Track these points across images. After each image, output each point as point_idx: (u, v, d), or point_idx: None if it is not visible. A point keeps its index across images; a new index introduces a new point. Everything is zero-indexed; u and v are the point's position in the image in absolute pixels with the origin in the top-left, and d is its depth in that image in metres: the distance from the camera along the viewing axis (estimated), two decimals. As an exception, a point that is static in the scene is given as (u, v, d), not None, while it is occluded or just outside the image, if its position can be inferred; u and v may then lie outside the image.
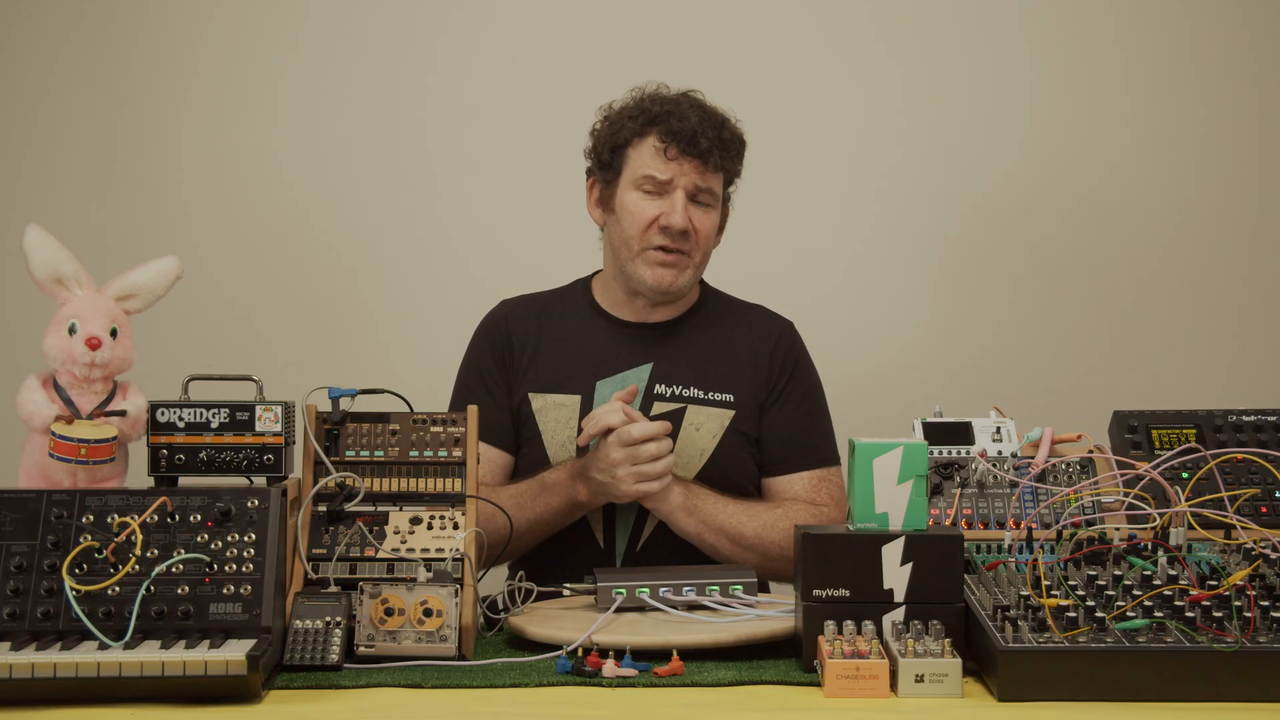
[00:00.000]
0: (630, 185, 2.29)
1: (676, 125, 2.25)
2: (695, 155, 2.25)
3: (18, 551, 1.68)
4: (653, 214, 2.27)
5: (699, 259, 2.31)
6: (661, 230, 2.26)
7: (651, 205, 2.27)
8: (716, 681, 1.63)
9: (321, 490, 1.88)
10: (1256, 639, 1.56)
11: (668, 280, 2.29)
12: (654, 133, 2.27)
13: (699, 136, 2.24)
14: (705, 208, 2.29)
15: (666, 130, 2.25)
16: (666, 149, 2.25)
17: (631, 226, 2.28)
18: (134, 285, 1.87)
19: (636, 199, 2.28)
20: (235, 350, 3.04)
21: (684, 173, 2.26)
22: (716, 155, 2.26)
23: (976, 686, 1.60)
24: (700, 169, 2.26)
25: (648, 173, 2.27)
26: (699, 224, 2.28)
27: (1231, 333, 3.14)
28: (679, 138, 2.24)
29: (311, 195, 3.13)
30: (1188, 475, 1.99)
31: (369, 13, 3.13)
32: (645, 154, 2.28)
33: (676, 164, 2.26)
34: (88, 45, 3.11)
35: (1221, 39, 3.15)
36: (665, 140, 2.25)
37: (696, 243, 2.29)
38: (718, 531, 2.19)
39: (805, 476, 2.32)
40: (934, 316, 3.15)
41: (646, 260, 2.29)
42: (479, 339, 2.41)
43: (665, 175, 2.26)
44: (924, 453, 1.69)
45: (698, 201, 2.28)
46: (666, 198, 2.27)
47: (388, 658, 1.71)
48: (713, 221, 2.32)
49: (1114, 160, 3.16)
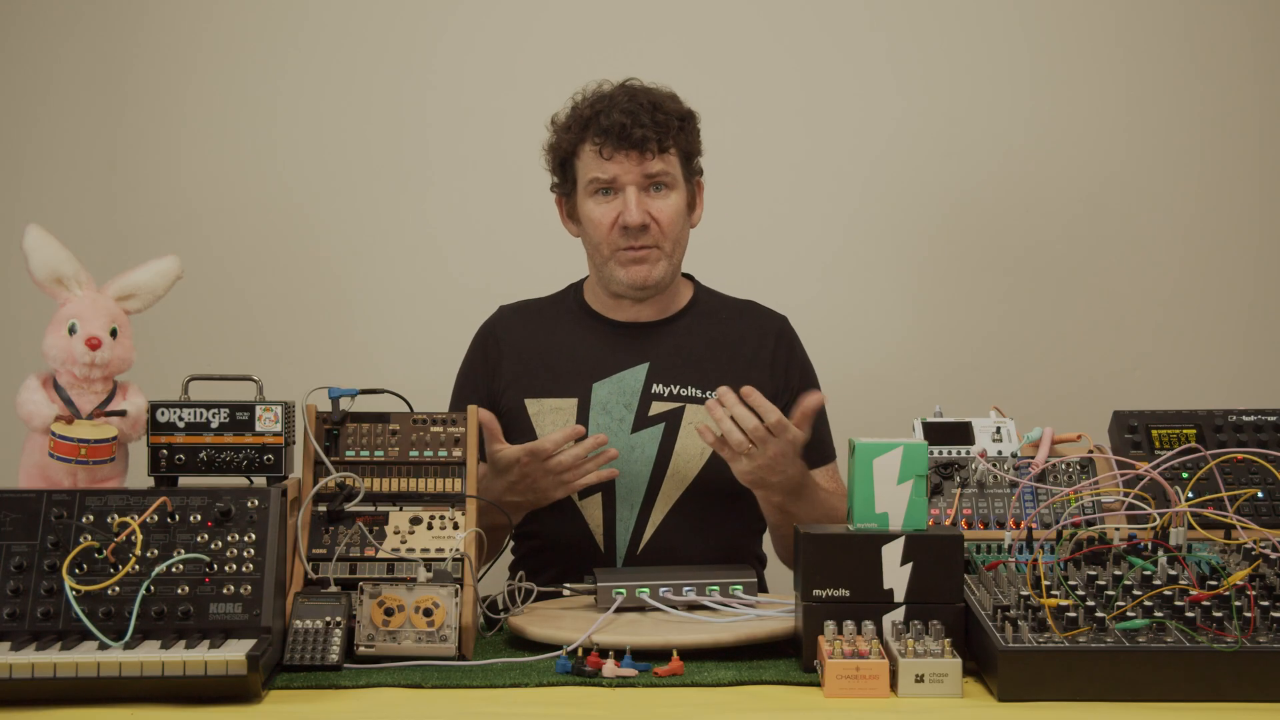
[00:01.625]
0: (584, 194, 2.30)
1: (605, 123, 2.24)
2: (630, 147, 2.24)
3: (18, 551, 1.68)
4: (611, 216, 2.27)
5: (669, 247, 2.30)
6: (623, 230, 2.26)
7: (608, 209, 2.27)
8: (716, 681, 1.63)
9: (321, 490, 1.88)
10: (1256, 639, 1.56)
11: (641, 276, 2.29)
12: (588, 136, 2.27)
13: (630, 128, 2.23)
14: (663, 192, 2.28)
15: (598, 130, 2.25)
16: (601, 149, 2.25)
17: (595, 233, 2.29)
18: (134, 285, 1.87)
19: (592, 206, 2.29)
20: (235, 350, 3.04)
21: (626, 169, 2.25)
22: (654, 141, 2.25)
23: (976, 686, 1.60)
24: (640, 159, 2.25)
25: (592, 176, 2.27)
26: (659, 213, 2.27)
27: (1231, 333, 3.14)
28: (610, 134, 2.24)
29: (311, 195, 3.13)
30: (1188, 475, 1.99)
31: (369, 13, 3.13)
32: (587, 160, 2.28)
33: (615, 162, 2.25)
34: (88, 45, 3.11)
35: (1221, 39, 3.14)
36: (599, 141, 2.25)
37: (662, 231, 2.28)
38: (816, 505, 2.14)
39: (820, 473, 2.30)
40: (934, 316, 3.15)
41: (618, 261, 2.29)
42: (472, 348, 2.43)
43: (607, 175, 2.26)
44: (924, 453, 1.69)
45: (653, 189, 2.28)
46: (619, 196, 2.27)
47: (388, 658, 1.71)
48: (674, 205, 2.29)
49: (1115, 159, 3.15)
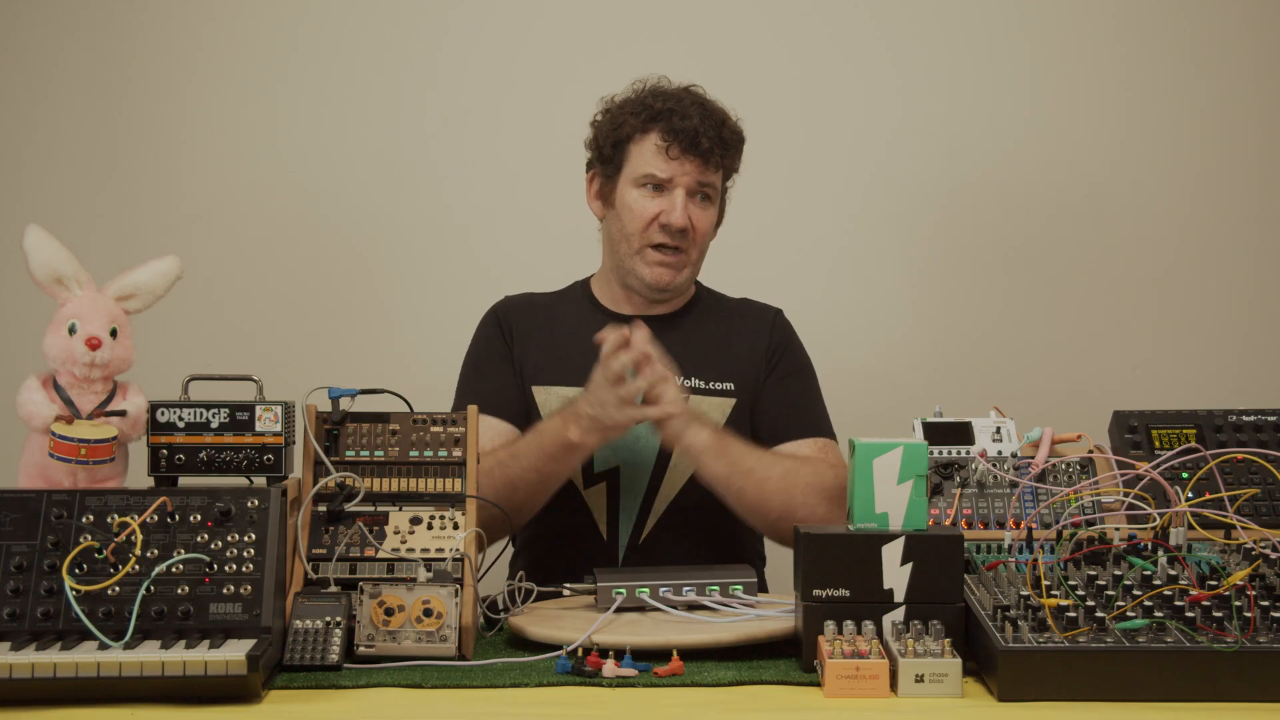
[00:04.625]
0: (631, 182, 2.29)
1: (679, 124, 2.25)
2: (697, 155, 2.26)
3: (18, 551, 1.68)
4: (653, 212, 2.27)
5: (696, 256, 2.33)
6: (661, 228, 2.27)
7: (652, 203, 2.27)
8: (716, 681, 1.63)
9: (321, 490, 1.88)
10: (1256, 639, 1.56)
11: (666, 279, 2.30)
12: (656, 130, 2.27)
13: (700, 136, 2.24)
14: (705, 203, 2.30)
15: (669, 129, 2.25)
16: (669, 148, 2.26)
17: (632, 223, 2.29)
18: (134, 285, 1.87)
19: (637, 196, 2.29)
20: (235, 350, 3.04)
21: (685, 172, 2.26)
22: (718, 154, 2.27)
23: (976, 686, 1.60)
24: (701, 168, 2.27)
25: (649, 171, 2.27)
26: (698, 222, 2.29)
27: (1231, 333, 3.14)
28: (681, 137, 2.25)
29: (311, 195, 3.13)
30: (1188, 475, 1.99)
31: (369, 11, 3.13)
32: (647, 151, 2.28)
33: (678, 163, 2.26)
34: (88, 45, 3.11)
35: (1221, 39, 3.14)
36: (667, 139, 2.26)
37: (694, 240, 2.30)
38: (746, 474, 2.11)
39: (807, 443, 2.30)
40: (934, 316, 3.15)
41: (645, 259, 2.29)
42: (483, 327, 2.42)
43: (666, 174, 2.26)
44: (924, 453, 1.69)
45: (697, 199, 2.29)
46: (667, 195, 2.27)
47: (388, 658, 1.71)
48: (711, 218, 2.33)
49: (1115, 159, 3.15)
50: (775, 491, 2.12)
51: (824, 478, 2.15)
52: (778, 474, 2.14)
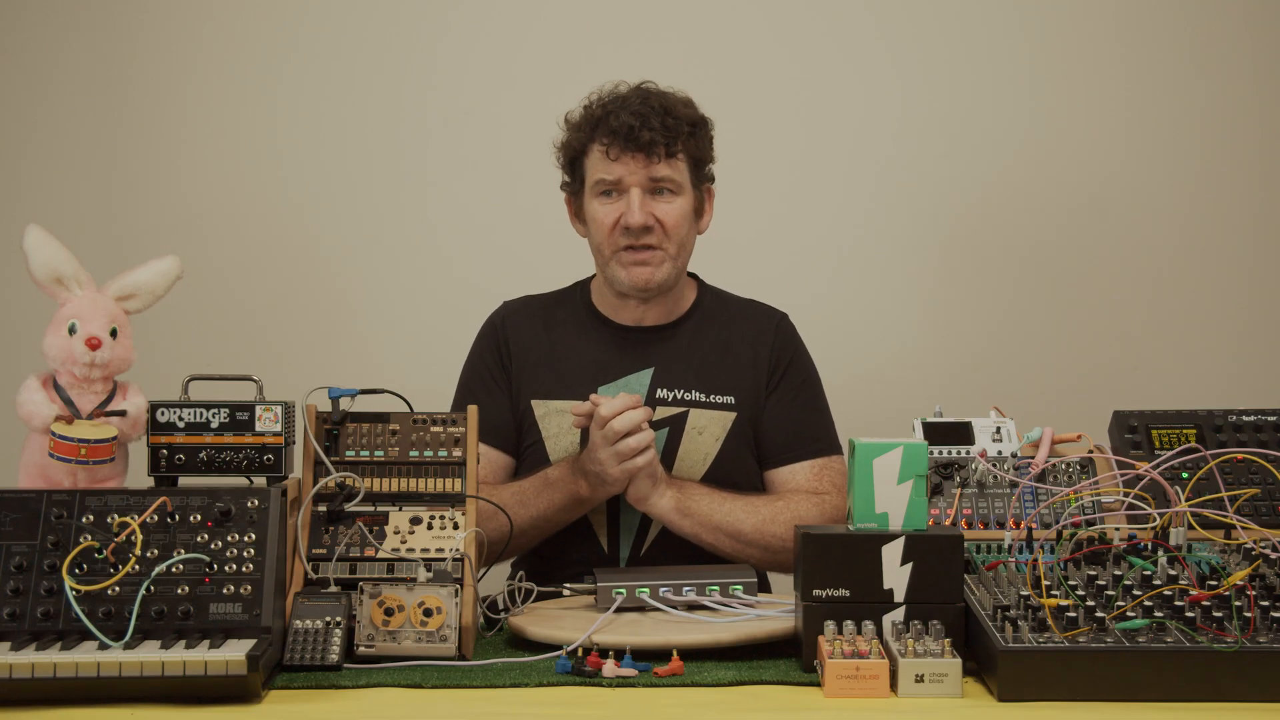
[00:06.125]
0: (590, 194, 2.31)
1: (614, 124, 2.25)
2: (637, 149, 2.24)
3: (18, 551, 1.68)
4: (613, 217, 2.27)
5: (673, 249, 2.30)
6: (624, 231, 2.27)
7: (611, 209, 2.28)
8: (716, 681, 1.63)
9: (321, 490, 1.88)
10: (1256, 639, 1.56)
11: (643, 278, 2.29)
12: (597, 136, 2.28)
13: (639, 130, 2.23)
14: (667, 196, 2.28)
15: (606, 131, 2.26)
16: (609, 150, 2.26)
17: (598, 233, 2.30)
18: (134, 285, 1.87)
19: (596, 206, 2.29)
20: (235, 350, 3.04)
21: (632, 170, 2.26)
22: (662, 145, 2.25)
23: (976, 686, 1.60)
24: (646, 162, 2.25)
25: (599, 176, 2.28)
26: (663, 215, 2.27)
27: (1231, 333, 3.14)
28: (618, 136, 2.24)
29: (311, 195, 3.13)
30: (1188, 475, 1.99)
31: (369, 12, 3.13)
32: (595, 159, 2.29)
33: (621, 163, 2.25)
34: (88, 45, 3.11)
35: (1221, 39, 3.14)
36: (606, 141, 2.26)
37: (665, 234, 2.28)
38: (715, 530, 2.17)
39: (806, 466, 2.31)
40: (934, 316, 3.15)
41: (620, 262, 2.29)
42: (480, 341, 2.42)
43: (613, 175, 2.26)
44: (924, 453, 1.69)
45: (658, 192, 2.28)
46: (622, 197, 2.27)
47: (388, 658, 1.71)
48: (679, 209, 2.29)
49: (1115, 159, 3.15)
50: (751, 542, 2.17)
51: (808, 514, 2.19)
52: (751, 525, 2.18)
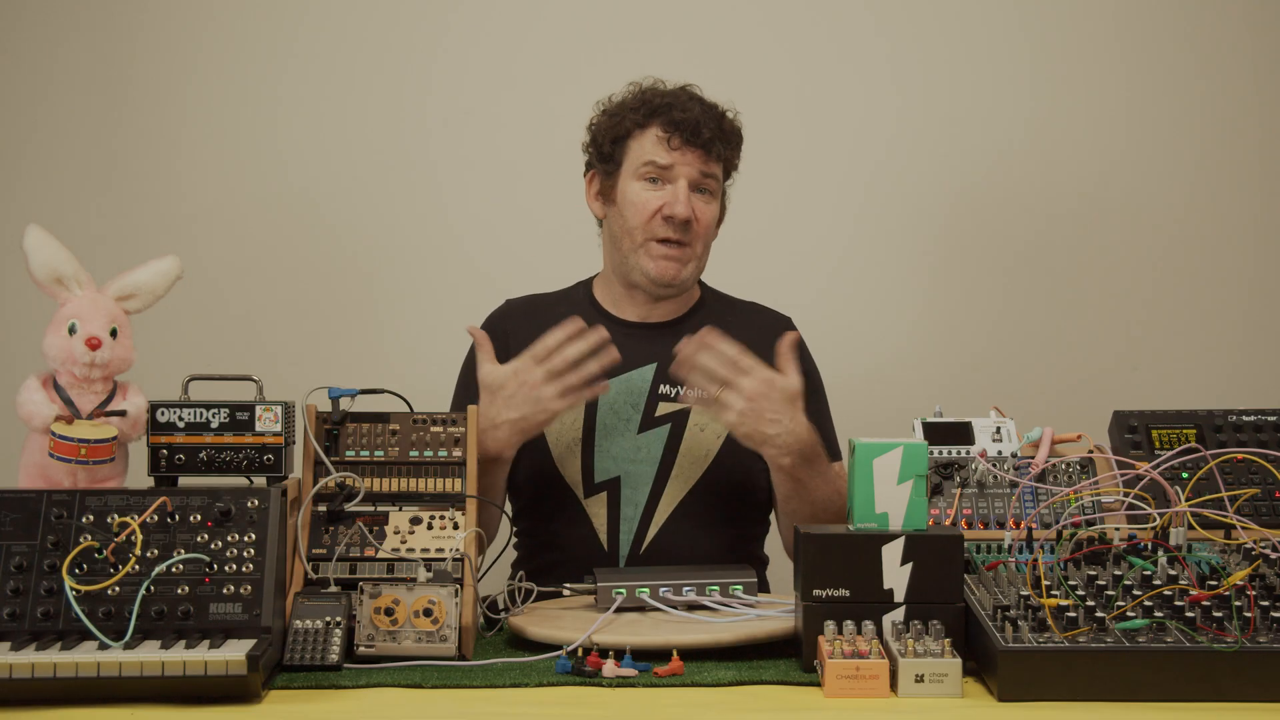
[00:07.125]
0: (632, 175, 2.29)
1: (679, 116, 2.26)
2: (698, 145, 2.26)
3: (18, 551, 1.68)
4: (656, 204, 2.27)
5: (700, 250, 2.31)
6: (665, 220, 2.26)
7: (654, 195, 2.27)
8: (716, 681, 1.63)
9: (321, 490, 1.88)
10: (1256, 639, 1.56)
11: (670, 273, 2.29)
12: (656, 123, 2.28)
13: (701, 127, 2.25)
14: (707, 196, 2.30)
15: (669, 121, 2.26)
16: (670, 139, 2.26)
17: (634, 216, 2.28)
18: (134, 285, 1.87)
19: (639, 189, 2.28)
20: (235, 350, 3.04)
21: (687, 162, 2.26)
22: (719, 146, 2.27)
23: (976, 686, 1.60)
24: (703, 159, 2.27)
25: (651, 159, 2.27)
26: (701, 214, 2.28)
27: (1231, 333, 3.14)
28: (682, 128, 2.25)
29: (311, 195, 3.13)
30: (1188, 475, 1.99)
31: (369, 12, 3.13)
32: (648, 144, 2.28)
33: (680, 153, 2.26)
34: (88, 45, 3.11)
35: (1221, 39, 3.14)
36: (668, 130, 2.26)
37: (698, 233, 2.29)
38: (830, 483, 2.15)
39: None
40: (934, 316, 3.15)
41: (649, 252, 2.29)
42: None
43: (668, 161, 2.26)
44: (924, 453, 1.69)
45: (700, 191, 2.29)
46: (669, 187, 2.27)
47: (388, 658, 1.71)
48: (713, 213, 2.32)
49: (1114, 158, 3.15)
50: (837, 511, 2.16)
51: None
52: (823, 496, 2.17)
